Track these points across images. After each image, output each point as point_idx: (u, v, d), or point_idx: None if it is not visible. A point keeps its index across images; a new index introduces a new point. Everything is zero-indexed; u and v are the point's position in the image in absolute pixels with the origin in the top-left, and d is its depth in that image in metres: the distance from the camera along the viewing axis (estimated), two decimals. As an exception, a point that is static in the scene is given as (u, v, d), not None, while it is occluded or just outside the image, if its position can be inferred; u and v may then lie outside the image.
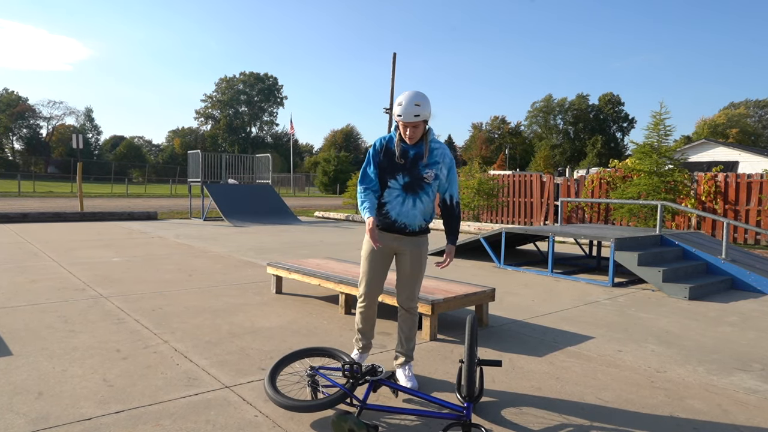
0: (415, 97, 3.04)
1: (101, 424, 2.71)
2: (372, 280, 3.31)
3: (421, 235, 3.31)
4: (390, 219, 3.22)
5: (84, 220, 15.25)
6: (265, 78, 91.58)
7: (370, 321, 3.42)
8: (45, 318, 4.68)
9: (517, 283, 6.85)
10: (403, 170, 3.17)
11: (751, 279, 6.75)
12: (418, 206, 3.21)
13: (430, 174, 3.17)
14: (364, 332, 3.45)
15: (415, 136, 3.12)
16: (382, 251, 3.28)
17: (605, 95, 79.42)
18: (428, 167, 3.17)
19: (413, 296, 3.35)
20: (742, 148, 33.42)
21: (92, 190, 39.91)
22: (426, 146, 3.16)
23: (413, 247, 3.28)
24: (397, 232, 3.25)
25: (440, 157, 3.21)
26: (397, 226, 3.23)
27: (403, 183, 3.18)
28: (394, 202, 3.20)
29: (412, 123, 3.06)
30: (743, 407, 3.13)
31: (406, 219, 3.21)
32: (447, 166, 3.24)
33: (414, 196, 3.19)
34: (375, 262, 3.29)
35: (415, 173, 3.17)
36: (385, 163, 3.20)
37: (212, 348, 3.96)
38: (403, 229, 3.23)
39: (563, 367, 3.73)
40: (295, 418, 2.84)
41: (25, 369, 3.44)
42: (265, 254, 9.04)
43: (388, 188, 3.20)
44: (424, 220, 3.27)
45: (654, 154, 11.72)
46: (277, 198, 17.87)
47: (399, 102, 3.07)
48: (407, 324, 3.36)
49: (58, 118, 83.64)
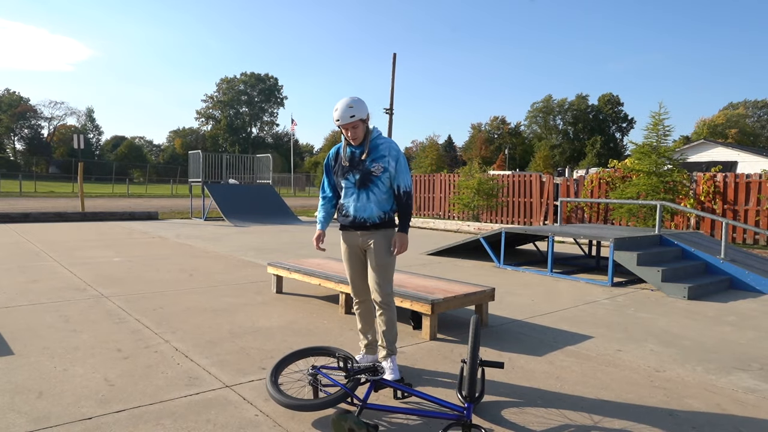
0: (349, 102, 3.30)
1: (102, 423, 2.72)
2: (352, 279, 3.54)
3: (383, 228, 3.41)
4: (350, 216, 3.42)
5: (85, 220, 15.27)
6: (266, 78, 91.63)
7: (365, 318, 3.57)
8: (46, 318, 4.69)
9: (516, 283, 6.86)
10: (353, 169, 3.38)
11: (749, 279, 6.76)
12: (372, 199, 3.37)
13: (378, 167, 3.35)
14: (365, 331, 3.58)
15: (357, 136, 3.34)
16: (352, 250, 3.49)
17: (605, 95, 79.44)
18: (375, 161, 3.36)
19: (381, 290, 3.39)
20: (741, 148, 33.44)
21: (93, 191, 39.93)
22: (367, 143, 3.37)
23: (378, 238, 3.40)
24: (358, 227, 3.41)
25: (386, 150, 3.39)
26: (357, 221, 3.40)
27: (355, 180, 3.38)
28: (349, 199, 3.42)
29: (350, 124, 3.30)
30: (742, 406, 3.14)
31: (363, 213, 3.38)
32: (394, 158, 3.40)
33: (366, 190, 3.37)
34: (350, 261, 3.52)
35: (363, 168, 3.36)
36: (337, 168, 3.47)
37: (213, 347, 3.98)
38: (363, 223, 3.40)
39: (563, 367, 3.74)
40: (296, 417, 2.85)
41: (26, 368, 3.45)
42: (265, 254, 9.05)
43: (343, 189, 3.44)
44: (382, 211, 3.39)
45: (653, 154, 11.73)
46: (278, 198, 17.88)
47: (335, 109, 3.32)
48: (384, 319, 3.43)
49: (60, 119, 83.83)
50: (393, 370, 3.35)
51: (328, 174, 3.58)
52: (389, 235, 3.43)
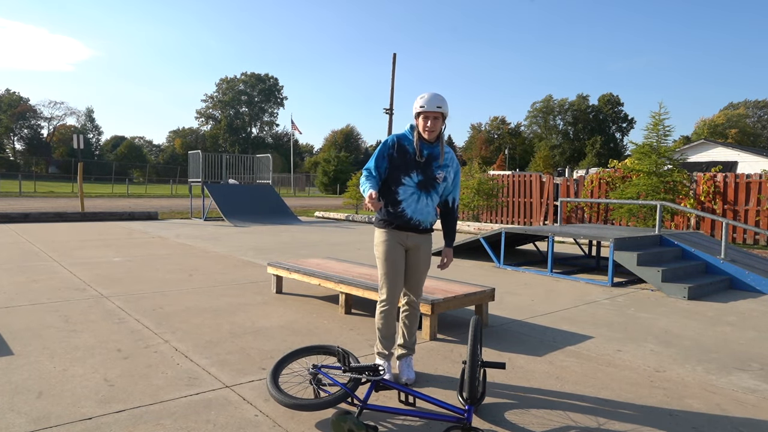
0: (438, 94, 3.22)
1: (102, 423, 2.72)
2: (395, 281, 3.29)
3: (430, 232, 3.44)
4: (406, 217, 3.27)
5: (85, 220, 15.26)
6: (266, 78, 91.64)
7: (393, 325, 3.37)
8: (46, 318, 4.69)
9: (516, 283, 6.86)
10: (417, 168, 3.25)
11: (749, 279, 6.76)
12: (430, 204, 3.32)
13: (442, 175, 3.30)
14: (387, 337, 3.38)
15: (435, 129, 3.21)
16: (397, 250, 3.30)
17: (605, 95, 79.42)
18: (440, 168, 3.29)
19: (420, 290, 3.45)
20: (741, 148, 33.44)
21: (93, 191, 39.92)
22: (442, 147, 3.29)
23: (423, 242, 3.38)
24: (411, 229, 3.32)
25: (450, 161, 3.36)
26: (412, 223, 3.30)
27: (418, 181, 3.26)
28: (409, 199, 3.26)
29: (434, 113, 3.18)
30: (742, 406, 3.14)
31: (421, 216, 3.30)
32: (454, 171, 3.39)
33: (427, 195, 3.29)
34: (395, 263, 3.28)
35: (429, 173, 3.27)
36: (399, 160, 3.25)
37: (213, 348, 3.97)
38: (417, 226, 3.31)
39: (563, 367, 3.74)
40: (296, 417, 2.85)
41: (26, 368, 3.45)
42: (265, 254, 9.05)
43: (402, 185, 3.25)
44: (434, 218, 3.40)
45: (653, 154, 11.73)
46: (278, 198, 17.88)
47: (421, 97, 3.21)
48: (410, 318, 3.44)
49: (59, 119, 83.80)
50: (410, 371, 3.37)
51: (382, 160, 3.25)
52: (431, 240, 3.45)
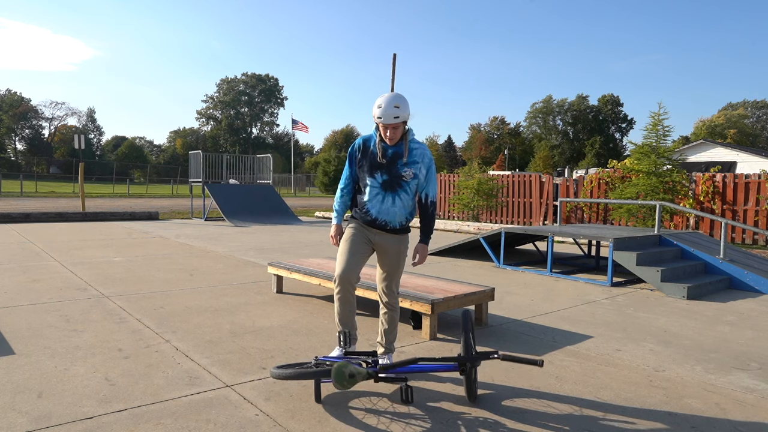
0: (394, 99, 3.12)
1: (103, 422, 2.73)
2: (348, 261, 3.27)
3: (402, 233, 3.39)
4: (371, 217, 3.31)
5: (86, 221, 15.27)
6: (266, 79, 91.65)
7: (348, 306, 3.32)
8: (47, 317, 4.70)
9: (516, 283, 6.87)
10: (381, 168, 3.25)
11: (749, 278, 6.77)
12: (398, 204, 3.29)
13: (409, 173, 3.26)
14: (345, 321, 3.34)
15: (395, 137, 3.20)
16: (361, 235, 3.34)
17: (605, 96, 79.40)
18: (407, 166, 3.26)
19: (392, 292, 3.44)
20: (740, 148, 33.42)
21: (94, 191, 39.94)
22: (406, 146, 3.25)
23: (394, 243, 3.36)
24: (379, 228, 3.33)
25: (419, 157, 3.30)
26: (378, 223, 3.31)
27: (382, 181, 3.26)
28: (374, 200, 3.28)
29: (392, 124, 3.14)
30: (741, 406, 3.15)
31: (386, 216, 3.30)
32: (426, 166, 3.33)
33: (393, 194, 3.27)
34: (353, 244, 3.31)
35: (394, 171, 3.25)
36: (364, 162, 3.28)
37: (213, 347, 3.99)
38: (384, 226, 3.32)
39: (562, 367, 3.75)
40: (296, 416, 2.86)
41: (27, 368, 3.46)
42: (265, 254, 9.06)
43: (368, 186, 3.28)
44: (405, 218, 3.36)
45: (652, 154, 11.73)
46: (278, 198, 17.89)
47: (378, 104, 3.14)
48: (390, 321, 3.45)
49: (61, 119, 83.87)
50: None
51: (351, 165, 3.35)
52: (405, 240, 3.41)
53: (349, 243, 3.33)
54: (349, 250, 3.31)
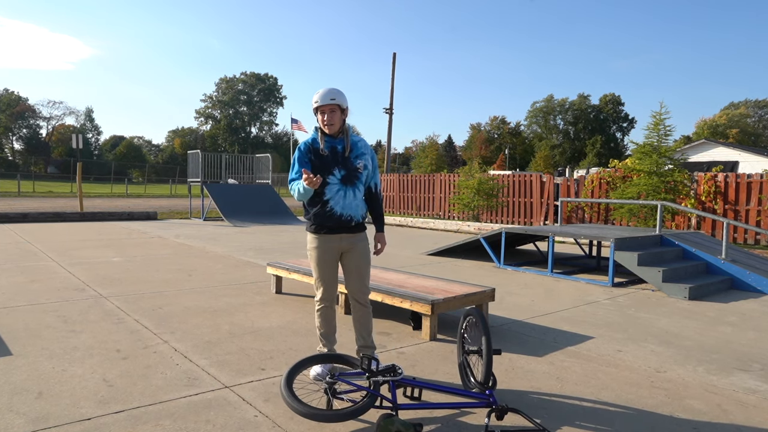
0: (333, 89, 3.27)
1: (101, 424, 2.71)
2: (328, 283, 3.40)
3: (363, 230, 3.44)
4: (336, 215, 3.30)
5: (84, 220, 15.25)
6: (266, 78, 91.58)
7: (331, 322, 3.49)
8: (45, 318, 4.68)
9: (517, 283, 6.85)
10: (337, 164, 3.29)
11: (750, 279, 6.75)
12: (358, 196, 3.36)
13: (361, 164, 3.34)
14: (327, 335, 3.50)
15: (334, 121, 3.24)
16: (331, 254, 3.36)
17: (606, 95, 79.40)
18: (358, 158, 3.34)
19: (365, 290, 3.46)
20: (742, 148, 33.40)
21: (92, 190, 39.90)
22: (347, 139, 3.33)
23: (357, 242, 3.40)
24: (343, 229, 3.33)
25: (364, 149, 3.40)
26: (343, 220, 3.32)
27: (341, 177, 3.30)
28: (336, 197, 3.29)
29: (329, 106, 3.22)
30: (743, 407, 3.13)
31: (350, 211, 3.33)
32: (371, 155, 3.42)
33: (353, 188, 3.33)
34: (326, 265, 3.36)
35: (349, 165, 3.31)
36: (317, 161, 3.29)
37: (212, 348, 3.96)
38: (349, 222, 3.33)
39: (563, 367, 3.73)
40: (296, 418, 2.84)
41: (25, 369, 3.44)
42: (264, 254, 9.04)
43: (327, 185, 3.28)
44: (364, 210, 3.44)
45: (654, 154, 11.72)
46: (277, 198, 17.86)
47: (317, 93, 3.26)
48: (362, 318, 3.47)
49: (58, 118, 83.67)
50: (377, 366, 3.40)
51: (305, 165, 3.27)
52: (366, 237, 3.47)
53: (326, 264, 3.36)
54: (324, 271, 3.37)
